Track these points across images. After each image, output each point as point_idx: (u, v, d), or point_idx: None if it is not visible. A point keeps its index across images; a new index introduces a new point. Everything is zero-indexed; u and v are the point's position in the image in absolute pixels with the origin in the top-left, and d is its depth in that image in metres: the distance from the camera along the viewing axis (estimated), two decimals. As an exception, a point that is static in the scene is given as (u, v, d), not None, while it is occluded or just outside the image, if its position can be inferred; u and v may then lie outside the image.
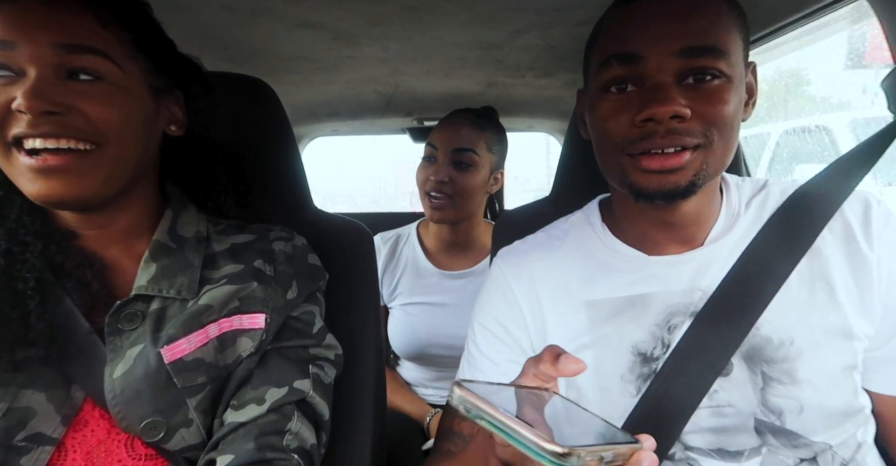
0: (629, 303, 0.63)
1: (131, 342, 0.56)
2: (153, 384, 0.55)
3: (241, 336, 0.62)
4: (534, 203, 0.98)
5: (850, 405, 0.58)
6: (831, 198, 0.61)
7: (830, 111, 3.30)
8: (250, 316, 0.62)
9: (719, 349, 0.58)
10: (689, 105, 0.52)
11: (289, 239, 0.71)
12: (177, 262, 0.61)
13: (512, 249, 0.74)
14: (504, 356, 0.67)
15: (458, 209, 1.20)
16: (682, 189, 0.55)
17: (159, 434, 0.55)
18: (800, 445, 0.57)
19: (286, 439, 0.58)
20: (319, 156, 2.38)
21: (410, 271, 1.29)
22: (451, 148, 1.19)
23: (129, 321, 0.57)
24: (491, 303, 0.70)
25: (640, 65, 0.54)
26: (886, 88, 0.68)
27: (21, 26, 0.50)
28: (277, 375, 0.62)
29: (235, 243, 0.67)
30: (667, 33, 0.52)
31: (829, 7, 0.82)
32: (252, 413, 0.58)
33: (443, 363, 1.26)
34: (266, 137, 0.84)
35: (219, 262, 0.64)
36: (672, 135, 0.53)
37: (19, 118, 0.50)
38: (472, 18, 0.92)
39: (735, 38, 0.54)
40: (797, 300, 0.59)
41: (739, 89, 0.55)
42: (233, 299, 0.62)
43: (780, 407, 0.57)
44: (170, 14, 0.89)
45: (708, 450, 0.59)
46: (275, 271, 0.66)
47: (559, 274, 0.67)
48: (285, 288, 0.66)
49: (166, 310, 0.59)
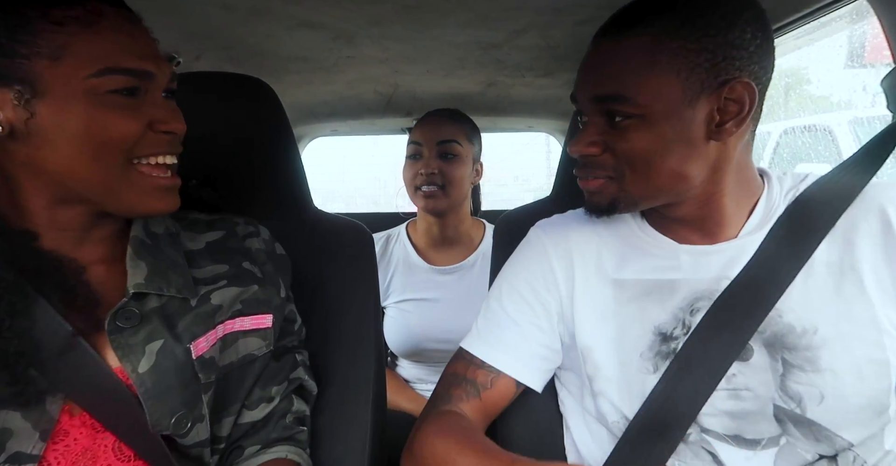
0: (656, 286, 0.65)
1: (145, 339, 0.56)
2: (182, 379, 0.57)
3: (244, 337, 0.64)
4: (534, 203, 0.98)
5: (878, 401, 0.57)
6: (841, 195, 0.62)
7: (831, 110, 3.30)
8: (253, 318, 0.65)
9: (736, 332, 0.60)
10: (605, 141, 0.61)
11: (257, 234, 0.71)
12: (161, 259, 0.61)
13: (551, 220, 0.78)
14: (526, 318, 0.69)
15: (449, 198, 1.25)
16: (605, 208, 0.64)
17: (186, 427, 0.57)
18: (821, 438, 0.57)
19: (289, 418, 0.69)
20: (319, 156, 2.38)
21: (402, 268, 1.32)
22: (437, 141, 1.25)
23: (127, 318, 0.56)
24: (525, 265, 0.73)
25: (578, 105, 0.65)
26: (886, 88, 0.68)
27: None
28: (278, 373, 0.69)
29: (210, 242, 0.67)
30: (587, 82, 0.62)
31: (828, 7, 0.82)
32: (266, 409, 0.67)
33: (440, 359, 1.28)
34: (266, 137, 0.84)
35: (199, 261, 0.65)
36: (585, 167, 0.65)
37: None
38: (472, 18, 0.92)
39: (654, 76, 0.56)
40: (823, 290, 0.60)
41: (659, 124, 0.57)
42: (236, 301, 0.64)
43: (800, 394, 0.58)
44: (170, 14, 0.89)
45: (724, 435, 0.60)
46: (262, 272, 0.68)
47: (594, 249, 0.70)
48: (277, 287, 0.69)
49: (167, 308, 0.59)
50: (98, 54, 0.51)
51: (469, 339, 0.72)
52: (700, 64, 0.56)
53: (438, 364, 1.29)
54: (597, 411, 0.65)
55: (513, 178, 9.06)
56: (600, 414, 0.65)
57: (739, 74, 0.57)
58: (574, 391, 0.70)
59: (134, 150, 0.54)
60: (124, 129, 0.53)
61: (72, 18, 0.50)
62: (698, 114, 0.58)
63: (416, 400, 1.28)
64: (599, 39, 0.61)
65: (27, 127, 0.50)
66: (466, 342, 0.72)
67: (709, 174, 0.61)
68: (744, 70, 0.57)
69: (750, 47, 0.57)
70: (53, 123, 0.51)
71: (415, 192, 1.27)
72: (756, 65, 0.58)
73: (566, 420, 0.73)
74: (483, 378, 0.68)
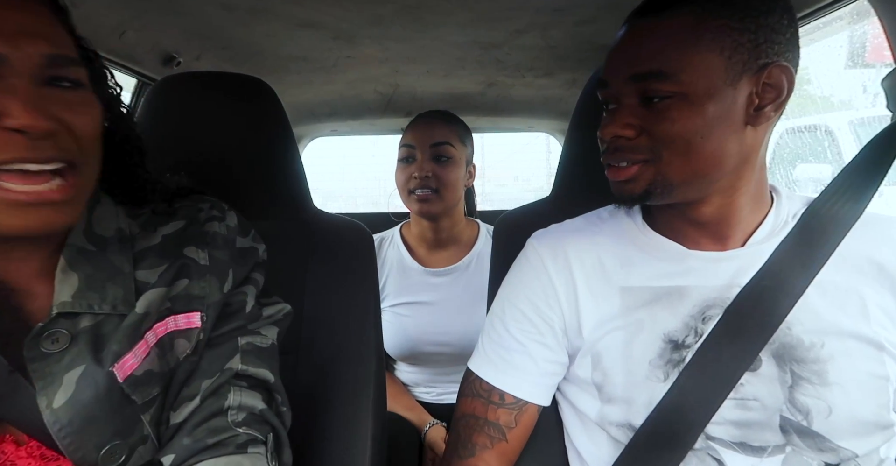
0: (665, 293, 0.64)
1: (66, 366, 0.49)
2: (107, 407, 0.50)
3: (178, 338, 0.56)
4: (534, 203, 0.98)
5: (882, 418, 0.57)
6: (850, 209, 0.63)
7: (831, 111, 3.30)
8: (185, 316, 0.56)
9: (748, 341, 0.60)
10: (640, 124, 0.59)
11: (221, 219, 0.62)
12: (102, 269, 0.53)
13: (548, 231, 0.75)
14: (531, 337, 0.68)
15: (444, 202, 1.24)
16: (638, 196, 0.61)
17: (121, 457, 0.51)
18: (825, 449, 0.57)
19: (230, 415, 0.56)
20: (319, 156, 2.39)
21: (396, 271, 1.31)
22: (430, 143, 1.22)
23: (54, 342, 0.49)
24: (524, 282, 0.71)
25: (609, 90, 0.62)
26: (886, 87, 0.68)
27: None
28: (207, 366, 0.58)
29: (167, 235, 0.58)
30: (621, 61, 0.60)
31: (829, 7, 0.82)
32: (187, 409, 0.55)
33: (436, 361, 1.27)
34: (266, 137, 0.84)
35: (151, 260, 0.56)
36: (617, 152, 0.61)
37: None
38: (472, 18, 0.92)
39: (698, 53, 0.56)
40: (831, 307, 0.60)
41: (702, 103, 0.56)
42: (164, 300, 0.55)
43: (808, 407, 0.58)
44: (170, 14, 0.89)
45: (730, 443, 0.60)
46: (210, 258, 0.58)
47: (596, 258, 0.69)
48: (221, 279, 0.59)
49: (101, 327, 0.52)
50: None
51: (478, 361, 0.71)
52: (743, 44, 0.56)
53: (436, 368, 1.29)
54: (601, 418, 0.65)
55: (513, 178, 9.08)
56: (604, 422, 0.64)
57: (777, 58, 0.57)
58: (575, 399, 0.69)
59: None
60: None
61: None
62: (739, 95, 0.57)
63: (414, 409, 1.28)
64: (636, 19, 0.59)
65: None
66: (476, 366, 0.70)
67: (738, 163, 0.60)
68: (781, 55, 0.57)
69: (786, 34, 0.57)
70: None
71: (408, 195, 1.25)
72: (790, 53, 0.58)
73: (566, 426, 0.72)
74: (506, 418, 0.67)
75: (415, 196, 1.23)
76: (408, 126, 1.29)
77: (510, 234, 0.84)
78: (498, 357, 0.69)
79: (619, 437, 0.63)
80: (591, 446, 0.67)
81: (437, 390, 1.32)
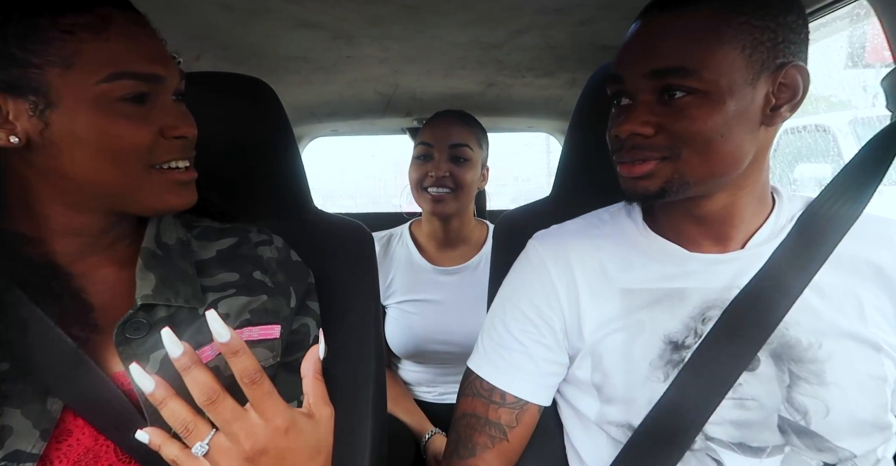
0: (666, 295, 0.64)
1: (150, 348, 0.56)
2: (184, 386, 0.55)
3: (255, 348, 0.62)
4: (534, 203, 0.98)
5: (880, 418, 0.58)
6: (849, 209, 0.62)
7: (831, 111, 3.30)
8: (262, 328, 0.63)
9: (746, 341, 0.60)
10: (658, 121, 0.57)
11: (270, 242, 0.70)
12: (171, 271, 0.60)
13: (549, 232, 0.75)
14: (532, 338, 0.68)
15: (458, 202, 1.24)
16: (653, 194, 0.60)
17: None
18: (824, 449, 0.58)
19: None
20: (319, 156, 2.39)
21: (404, 268, 1.31)
22: (449, 144, 1.22)
23: (136, 330, 0.56)
24: (525, 282, 0.71)
25: (623, 85, 0.60)
26: (886, 87, 0.68)
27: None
28: (288, 390, 0.63)
29: (221, 250, 0.66)
30: (638, 56, 0.58)
31: (829, 7, 0.82)
32: None
33: (441, 360, 1.27)
34: (266, 137, 0.84)
35: (210, 270, 0.64)
36: (634, 149, 0.59)
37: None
38: (472, 18, 0.92)
39: (720, 50, 0.55)
40: (829, 308, 0.60)
41: (724, 101, 0.55)
42: (244, 311, 0.62)
43: (806, 407, 0.58)
44: (170, 14, 0.89)
45: (729, 443, 0.60)
46: (273, 281, 0.66)
47: (597, 259, 0.69)
48: (287, 297, 0.67)
49: (175, 317, 0.59)
50: (107, 59, 0.50)
51: (478, 361, 0.71)
52: (763, 42, 0.55)
53: (440, 367, 1.29)
54: (600, 418, 0.65)
55: (513, 178, 9.08)
56: (604, 422, 0.65)
57: (794, 58, 0.56)
58: (574, 400, 0.69)
59: (149, 157, 0.54)
60: (135, 138, 0.53)
61: (81, 25, 0.50)
62: (758, 95, 0.57)
63: (414, 413, 1.27)
64: (654, 14, 0.58)
65: (42, 137, 0.51)
66: (477, 365, 0.71)
67: (749, 163, 0.60)
68: (797, 55, 0.57)
69: (801, 34, 0.57)
70: (67, 133, 0.51)
71: (421, 193, 1.25)
72: (804, 53, 0.58)
73: (565, 426, 0.72)
74: (507, 418, 0.67)
75: (429, 195, 1.23)
76: (426, 124, 1.29)
77: (510, 234, 0.85)
78: (498, 357, 0.69)
79: (619, 437, 0.63)
80: (591, 446, 0.67)
81: (440, 389, 1.32)
